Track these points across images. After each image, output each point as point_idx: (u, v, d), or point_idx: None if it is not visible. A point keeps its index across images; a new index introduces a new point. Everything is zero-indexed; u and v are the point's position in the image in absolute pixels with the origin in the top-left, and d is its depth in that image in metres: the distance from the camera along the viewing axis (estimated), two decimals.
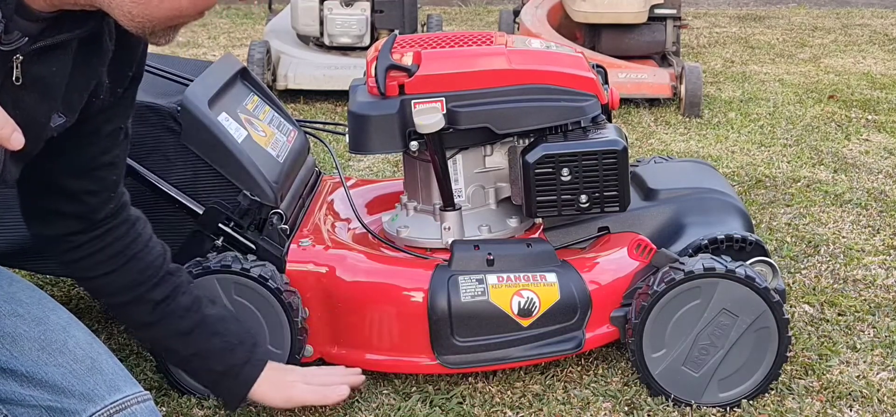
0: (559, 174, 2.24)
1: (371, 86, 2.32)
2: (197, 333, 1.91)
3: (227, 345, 1.95)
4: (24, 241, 2.25)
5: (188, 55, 5.92)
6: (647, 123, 4.44)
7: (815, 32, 6.79)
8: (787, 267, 2.91)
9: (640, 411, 2.20)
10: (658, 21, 4.89)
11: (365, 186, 2.76)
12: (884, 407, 2.23)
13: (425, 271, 2.23)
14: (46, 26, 1.47)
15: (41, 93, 1.52)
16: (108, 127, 1.74)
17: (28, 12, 1.45)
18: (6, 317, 1.70)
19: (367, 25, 4.82)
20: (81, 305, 2.68)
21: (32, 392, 1.66)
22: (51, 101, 1.55)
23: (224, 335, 1.95)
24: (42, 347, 1.69)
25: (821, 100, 4.87)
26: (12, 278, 1.78)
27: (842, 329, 2.56)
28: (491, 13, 7.60)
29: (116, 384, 1.71)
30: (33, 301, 1.75)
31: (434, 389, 2.28)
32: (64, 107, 1.59)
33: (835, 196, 3.50)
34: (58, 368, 1.68)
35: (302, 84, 4.73)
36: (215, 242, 2.25)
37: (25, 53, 1.46)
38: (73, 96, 1.59)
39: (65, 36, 1.49)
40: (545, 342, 2.23)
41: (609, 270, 2.29)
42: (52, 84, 1.53)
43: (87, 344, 1.73)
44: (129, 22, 1.46)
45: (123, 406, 1.69)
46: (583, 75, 2.33)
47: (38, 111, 1.54)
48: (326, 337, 2.28)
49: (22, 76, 1.47)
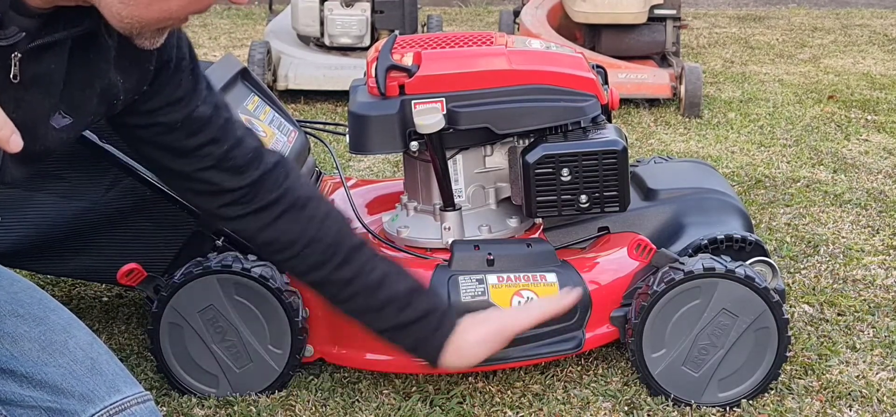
0: (559, 174, 2.24)
1: (371, 86, 2.32)
2: (387, 310, 1.87)
3: (416, 317, 1.88)
4: (25, 241, 2.26)
5: None
6: (647, 123, 4.44)
7: (815, 33, 6.79)
8: (786, 267, 2.91)
9: (640, 411, 2.21)
10: (658, 21, 4.89)
11: (365, 186, 2.77)
12: (883, 407, 2.23)
13: (425, 271, 2.23)
14: (43, 23, 1.47)
15: (39, 91, 1.52)
16: (176, 115, 1.73)
17: (23, 8, 1.45)
18: (6, 317, 1.70)
19: (367, 26, 4.82)
20: (82, 305, 2.68)
21: (32, 392, 1.66)
22: (50, 100, 1.55)
23: (414, 308, 1.89)
24: (42, 347, 1.68)
25: (820, 100, 4.87)
26: (13, 278, 1.78)
27: (841, 329, 2.56)
28: (491, 13, 7.61)
29: (116, 384, 1.71)
30: (34, 301, 1.75)
31: (434, 389, 2.29)
32: (66, 107, 1.58)
33: (834, 196, 3.50)
34: (58, 368, 1.67)
35: (302, 84, 4.73)
36: (216, 242, 2.26)
37: (23, 51, 1.46)
38: (75, 95, 1.58)
39: (61, 34, 1.49)
40: (545, 342, 2.23)
41: (609, 270, 2.29)
42: (50, 82, 1.53)
43: (88, 345, 1.73)
44: (118, 22, 1.46)
45: (123, 407, 1.69)
46: (583, 75, 2.34)
47: (39, 110, 1.54)
48: (327, 336, 2.28)
49: (20, 74, 1.47)
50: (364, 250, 1.86)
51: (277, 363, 2.24)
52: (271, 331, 2.21)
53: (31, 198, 2.20)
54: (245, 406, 2.20)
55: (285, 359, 2.23)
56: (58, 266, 2.35)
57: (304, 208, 1.83)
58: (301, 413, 2.19)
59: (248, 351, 2.23)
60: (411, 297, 1.86)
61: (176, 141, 1.74)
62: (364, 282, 1.84)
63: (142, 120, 1.72)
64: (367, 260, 1.86)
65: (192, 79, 1.74)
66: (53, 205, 2.22)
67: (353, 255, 1.85)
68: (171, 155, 1.75)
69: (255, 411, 2.19)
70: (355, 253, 1.85)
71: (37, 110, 1.53)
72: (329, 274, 1.84)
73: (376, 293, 1.85)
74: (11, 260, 2.29)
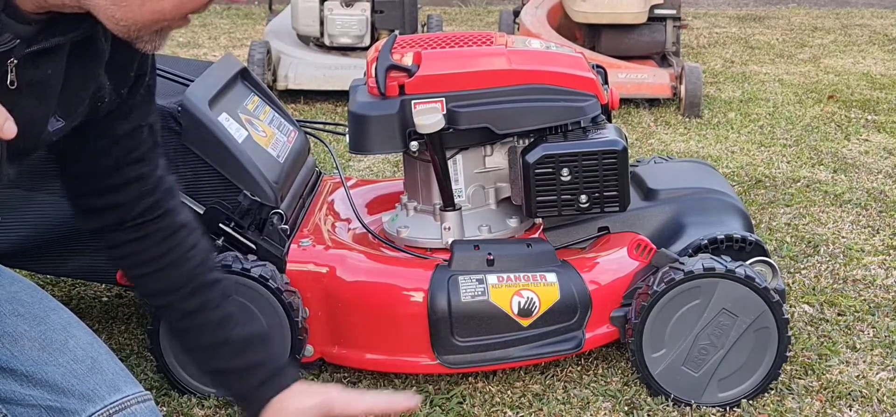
0: (559, 174, 2.24)
1: (371, 86, 2.32)
2: (220, 350, 1.89)
3: (246, 366, 1.91)
4: (25, 241, 2.26)
5: (188, 55, 5.92)
6: (647, 123, 4.44)
7: (815, 33, 6.79)
8: (786, 267, 2.91)
9: (640, 411, 2.21)
10: (658, 21, 4.89)
11: (365, 186, 2.77)
12: (883, 407, 2.23)
13: (425, 271, 2.23)
14: (39, 29, 1.47)
15: (37, 97, 1.52)
16: (125, 126, 1.74)
17: (18, 14, 1.44)
18: (7, 317, 1.70)
19: (367, 26, 4.82)
20: (82, 305, 2.68)
21: (32, 391, 1.66)
22: (47, 105, 1.55)
23: (246, 356, 1.91)
24: (42, 347, 1.69)
25: (820, 100, 4.87)
26: (14, 277, 1.78)
27: (841, 329, 2.56)
28: (491, 13, 7.61)
29: (116, 384, 1.71)
30: (34, 300, 1.75)
31: (434, 389, 2.29)
32: (61, 111, 1.59)
33: (834, 196, 3.50)
34: (58, 368, 1.68)
35: (302, 84, 4.73)
36: (216, 242, 2.26)
37: (20, 57, 1.46)
38: (70, 99, 1.59)
39: (58, 39, 1.49)
40: (545, 342, 2.23)
41: (609, 270, 2.29)
42: (47, 87, 1.53)
43: (88, 344, 1.73)
44: (114, 25, 1.46)
45: (123, 406, 1.69)
46: (583, 75, 2.34)
47: (36, 115, 1.54)
48: (326, 336, 2.28)
49: (17, 80, 1.47)
50: (216, 287, 1.86)
51: None
52: (271, 331, 2.21)
53: (31, 198, 2.20)
54: None
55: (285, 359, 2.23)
56: (58, 266, 2.35)
57: (176, 234, 1.83)
58: None
59: None
60: (247, 345, 1.87)
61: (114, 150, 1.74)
62: (205, 318, 1.84)
63: (96, 127, 1.71)
64: (216, 298, 1.86)
65: (149, 94, 1.75)
66: (53, 205, 2.21)
67: (202, 289, 1.85)
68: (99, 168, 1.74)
69: None
70: (206, 289, 1.85)
71: (34, 115, 1.53)
72: (175, 301, 1.85)
73: (213, 331, 1.85)
74: (11, 260, 2.29)
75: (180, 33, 6.67)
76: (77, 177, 1.77)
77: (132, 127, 1.75)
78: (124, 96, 1.71)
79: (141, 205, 1.82)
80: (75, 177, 1.77)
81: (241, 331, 1.90)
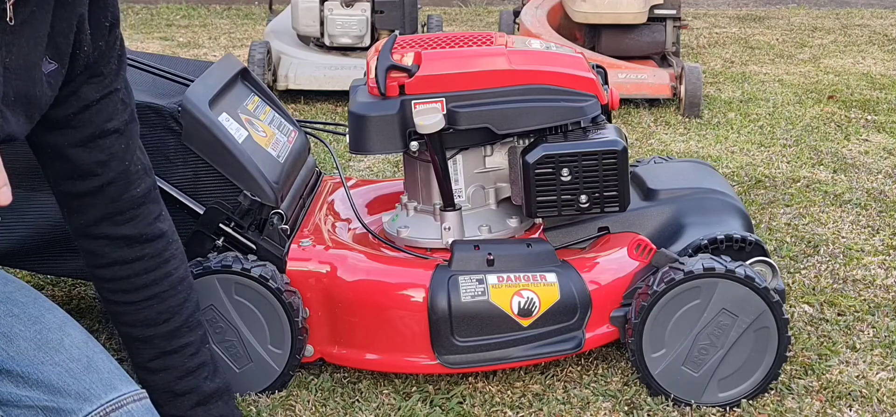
0: (559, 174, 2.24)
1: (371, 86, 2.32)
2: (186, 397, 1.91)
3: None
4: (25, 241, 2.26)
5: (189, 55, 5.92)
6: (647, 123, 4.44)
7: (815, 33, 6.79)
8: (786, 267, 2.91)
9: (640, 411, 2.21)
10: (658, 21, 4.89)
11: (365, 186, 2.77)
12: (883, 407, 2.23)
13: (425, 271, 2.23)
14: None
15: (30, 35, 1.56)
16: (100, 90, 1.76)
17: None
18: (2, 317, 1.70)
19: (367, 26, 4.82)
20: (82, 305, 2.68)
21: (28, 392, 1.67)
22: (39, 45, 1.59)
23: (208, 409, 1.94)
24: (38, 346, 1.69)
25: (820, 100, 4.87)
26: (7, 278, 1.78)
27: (841, 329, 2.56)
28: (491, 13, 7.61)
29: (112, 382, 1.71)
30: (29, 300, 1.75)
31: (434, 389, 2.29)
32: (52, 52, 1.62)
33: (834, 196, 3.50)
34: (54, 367, 1.68)
35: (302, 84, 4.73)
36: (216, 242, 2.26)
37: None
38: (58, 40, 1.63)
39: None
40: (545, 342, 2.23)
41: (609, 270, 2.29)
42: (38, 26, 1.57)
43: (83, 343, 1.74)
44: None
45: (119, 405, 1.70)
46: (583, 75, 2.34)
47: (31, 55, 1.58)
48: (327, 336, 2.28)
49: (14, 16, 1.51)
50: (198, 331, 1.90)
51: (277, 363, 2.24)
52: (271, 331, 2.21)
53: (31, 198, 2.20)
54: (245, 407, 2.20)
55: (285, 359, 2.23)
56: (58, 266, 2.35)
57: (166, 263, 1.86)
58: (301, 413, 2.19)
59: (248, 351, 2.23)
60: (212, 399, 1.91)
61: (89, 117, 1.75)
62: (181, 364, 1.88)
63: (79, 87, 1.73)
64: (195, 342, 1.89)
65: (120, 63, 1.78)
66: (53, 205, 2.21)
67: (183, 331, 1.88)
68: (77, 139, 1.75)
69: (255, 411, 2.19)
70: (187, 331, 1.88)
71: (29, 55, 1.57)
72: (155, 337, 1.86)
73: (185, 378, 1.88)
74: (11, 260, 2.29)
75: (180, 33, 6.68)
76: (58, 158, 1.77)
77: (104, 92, 1.76)
78: (102, 49, 1.73)
79: (126, 193, 1.82)
80: (57, 159, 1.77)
81: (211, 385, 1.93)
